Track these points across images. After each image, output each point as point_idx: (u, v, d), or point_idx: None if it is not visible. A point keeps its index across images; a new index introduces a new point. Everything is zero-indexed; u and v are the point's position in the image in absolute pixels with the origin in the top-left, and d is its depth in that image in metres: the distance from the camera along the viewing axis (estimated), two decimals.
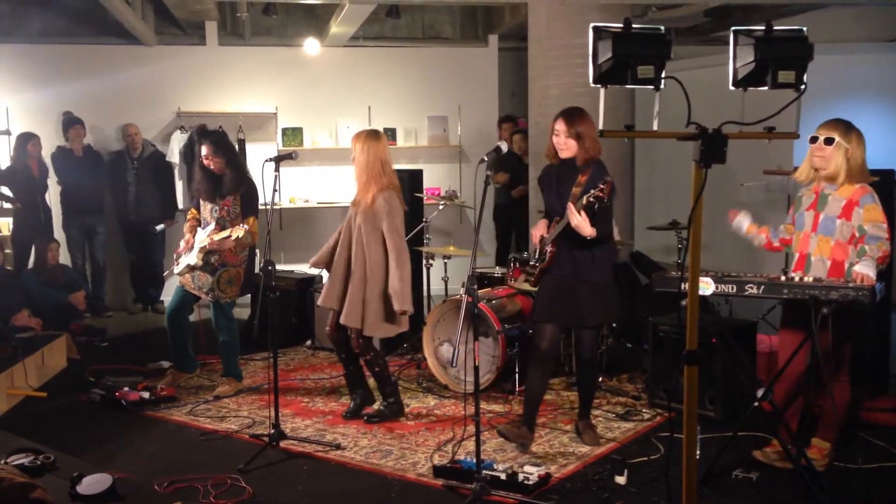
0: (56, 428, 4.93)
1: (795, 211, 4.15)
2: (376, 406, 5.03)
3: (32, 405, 5.32)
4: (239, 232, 5.06)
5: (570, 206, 4.06)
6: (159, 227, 8.40)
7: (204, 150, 5.28)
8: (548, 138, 4.33)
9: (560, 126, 4.21)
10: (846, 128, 3.92)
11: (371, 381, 5.11)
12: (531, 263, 4.45)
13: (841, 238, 3.92)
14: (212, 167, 5.27)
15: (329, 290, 4.88)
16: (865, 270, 3.70)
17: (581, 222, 4.02)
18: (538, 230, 4.42)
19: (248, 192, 5.32)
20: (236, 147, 7.10)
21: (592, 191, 3.96)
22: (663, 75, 2.46)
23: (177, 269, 5.47)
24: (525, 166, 7.74)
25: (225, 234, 5.13)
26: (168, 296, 6.18)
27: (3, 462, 3.97)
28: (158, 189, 8.36)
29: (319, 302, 4.99)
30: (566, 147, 4.21)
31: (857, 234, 3.89)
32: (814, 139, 3.96)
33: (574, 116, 4.20)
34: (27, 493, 3.44)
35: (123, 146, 8.40)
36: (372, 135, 4.86)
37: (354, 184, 4.86)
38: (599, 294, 4.28)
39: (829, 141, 3.90)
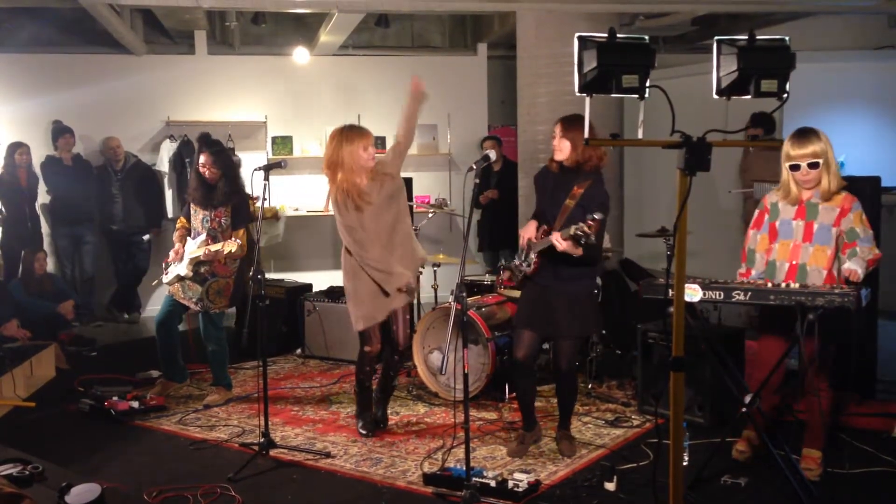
0: (45, 438, 4.90)
1: (772, 219, 4.09)
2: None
3: (21, 415, 5.30)
4: (231, 246, 5.10)
5: (556, 234, 4.04)
6: (146, 236, 8.39)
7: (202, 158, 5.30)
8: (536, 146, 4.34)
9: (557, 129, 4.27)
10: (819, 140, 3.88)
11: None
12: (516, 264, 4.46)
13: (834, 246, 3.91)
14: (206, 175, 5.30)
15: (374, 305, 4.68)
16: (854, 266, 3.72)
17: (566, 249, 4.01)
18: (527, 232, 4.41)
19: (239, 203, 5.35)
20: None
21: (580, 224, 3.87)
22: (648, 84, 2.49)
23: (165, 279, 5.46)
24: (494, 173, 8.32)
25: (217, 246, 5.16)
26: (153, 306, 6.14)
27: None
28: (144, 199, 8.36)
29: (359, 327, 4.71)
30: (560, 149, 4.24)
31: (845, 238, 3.89)
32: (795, 167, 3.90)
33: (572, 121, 4.24)
34: (15, 503, 3.43)
35: (105, 159, 8.37)
36: (333, 134, 4.66)
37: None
38: (577, 306, 4.28)
39: (813, 165, 3.88)
